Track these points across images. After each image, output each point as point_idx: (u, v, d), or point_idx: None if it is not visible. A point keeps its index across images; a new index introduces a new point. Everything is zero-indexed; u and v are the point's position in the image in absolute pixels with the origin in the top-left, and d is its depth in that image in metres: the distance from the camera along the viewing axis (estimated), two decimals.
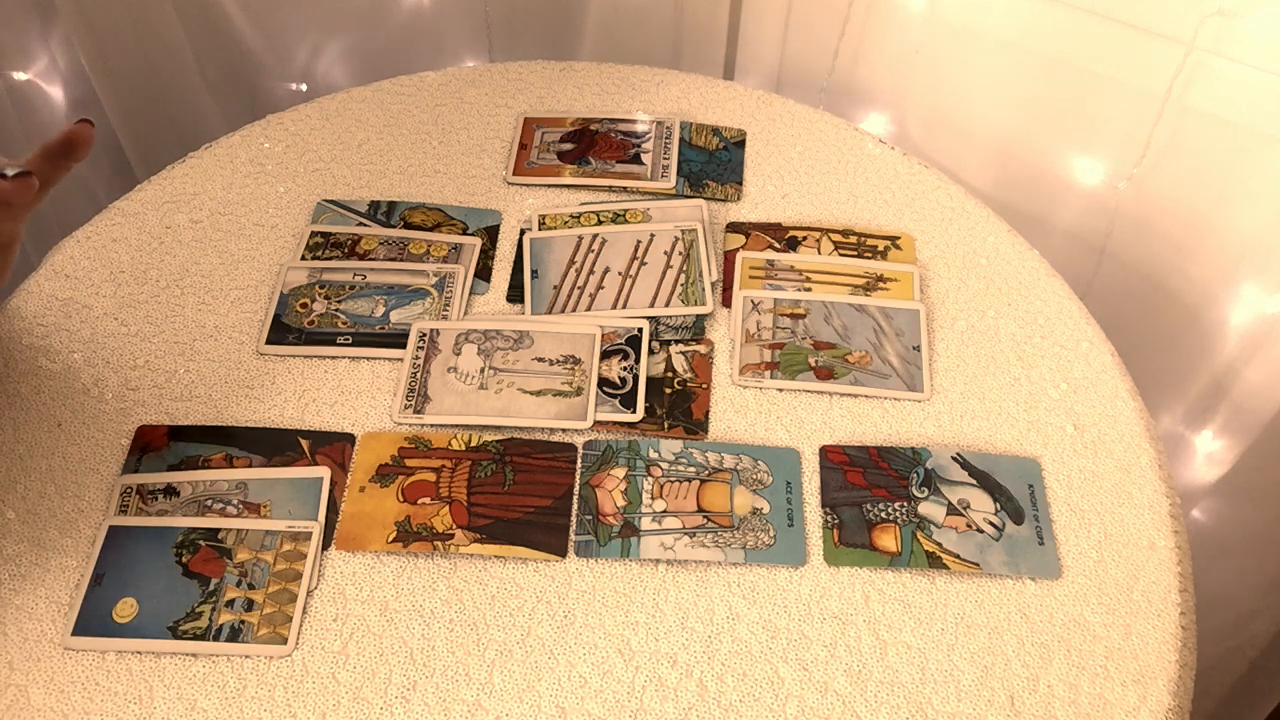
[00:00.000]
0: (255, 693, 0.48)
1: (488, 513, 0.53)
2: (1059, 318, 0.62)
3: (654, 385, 0.58)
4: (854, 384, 0.59)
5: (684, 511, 0.54)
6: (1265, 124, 0.69)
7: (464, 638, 0.50)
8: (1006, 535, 0.53)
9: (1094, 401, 0.58)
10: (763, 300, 0.62)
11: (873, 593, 0.51)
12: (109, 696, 0.48)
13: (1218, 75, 0.69)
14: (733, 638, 0.50)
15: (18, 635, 0.49)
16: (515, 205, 0.68)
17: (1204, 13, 0.66)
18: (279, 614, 0.50)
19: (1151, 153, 0.75)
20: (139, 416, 0.57)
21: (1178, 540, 0.53)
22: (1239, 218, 0.74)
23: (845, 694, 0.48)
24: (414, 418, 0.57)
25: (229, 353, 0.60)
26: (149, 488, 0.54)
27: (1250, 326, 0.76)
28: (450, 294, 0.62)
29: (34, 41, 0.88)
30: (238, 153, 0.70)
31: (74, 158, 0.52)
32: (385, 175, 0.69)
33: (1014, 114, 0.81)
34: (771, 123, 0.73)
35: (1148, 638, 0.50)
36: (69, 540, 0.52)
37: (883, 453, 0.56)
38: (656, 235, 0.65)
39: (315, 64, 0.96)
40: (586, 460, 0.55)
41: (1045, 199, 0.83)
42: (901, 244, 0.65)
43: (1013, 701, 0.48)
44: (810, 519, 0.54)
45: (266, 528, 0.52)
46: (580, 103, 0.74)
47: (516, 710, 0.48)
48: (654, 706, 0.48)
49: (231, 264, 0.64)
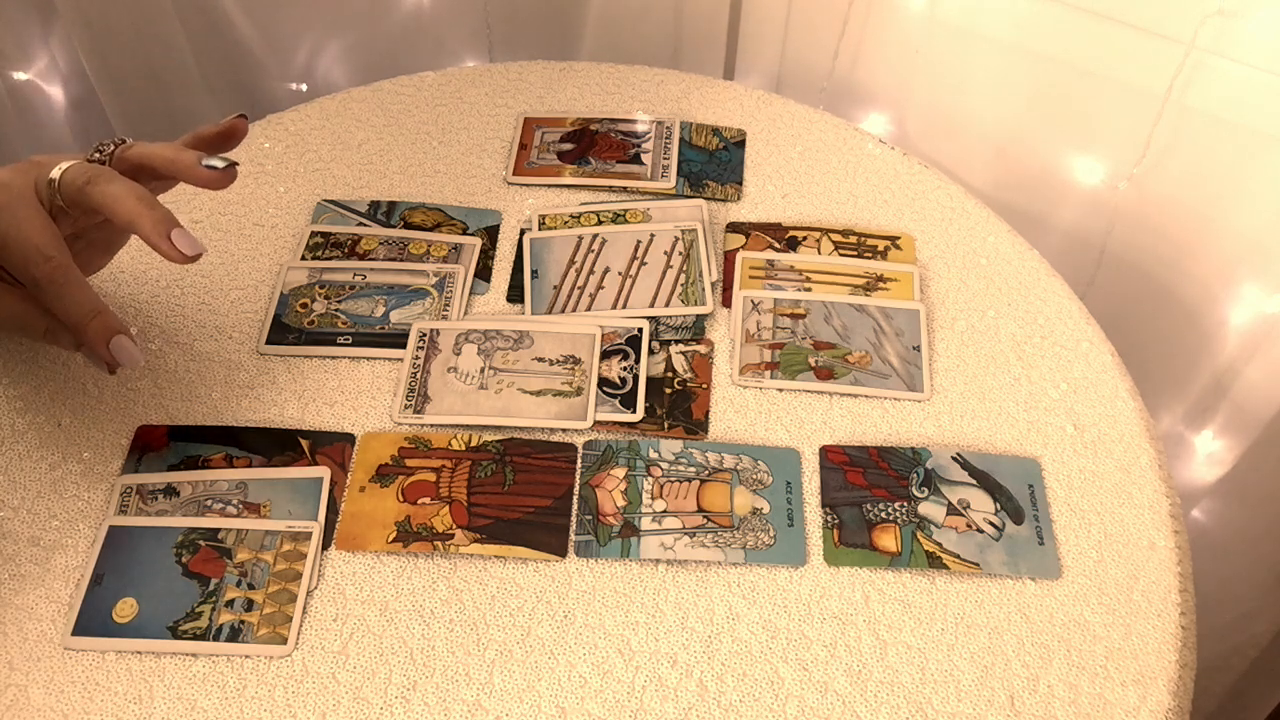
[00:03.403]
0: (255, 693, 0.48)
1: (488, 513, 0.53)
2: (1059, 318, 0.62)
3: (654, 385, 0.58)
4: (854, 384, 0.59)
5: (684, 511, 0.54)
6: (1265, 124, 0.69)
7: (464, 638, 0.50)
8: (1006, 535, 0.53)
9: (1094, 401, 0.58)
10: (763, 300, 0.62)
11: (873, 593, 0.51)
12: (109, 696, 0.48)
13: (1218, 75, 0.69)
14: (733, 638, 0.50)
15: (18, 635, 0.49)
16: (515, 205, 0.68)
17: (1204, 13, 0.66)
18: (279, 614, 0.50)
19: (1151, 153, 0.75)
20: (139, 416, 0.57)
21: (1178, 540, 0.53)
22: (1239, 218, 0.74)
23: (845, 694, 0.48)
24: (414, 418, 0.57)
25: (229, 353, 0.60)
26: (149, 488, 0.54)
27: (1250, 326, 0.76)
28: (450, 294, 0.62)
29: (34, 41, 0.88)
30: (238, 153, 0.69)
31: (226, 150, 0.54)
32: (385, 175, 0.69)
33: (1014, 114, 0.81)
34: (771, 123, 0.73)
35: (1148, 638, 0.50)
36: (69, 540, 0.52)
37: (883, 453, 0.56)
38: (656, 235, 0.65)
39: (315, 64, 0.96)
40: (586, 460, 0.55)
41: (1045, 199, 0.83)
42: (901, 244, 0.65)
43: (1013, 701, 0.48)
44: (810, 519, 0.54)
45: (266, 528, 0.52)
46: (580, 103, 0.74)
47: (516, 710, 0.48)
48: (654, 706, 0.48)
49: (231, 264, 0.64)
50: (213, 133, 0.55)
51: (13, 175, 0.50)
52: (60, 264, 0.49)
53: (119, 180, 0.49)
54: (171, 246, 0.48)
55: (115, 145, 0.53)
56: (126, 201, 0.49)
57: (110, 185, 0.49)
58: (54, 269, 0.48)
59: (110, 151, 0.53)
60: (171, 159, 0.52)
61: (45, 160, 0.51)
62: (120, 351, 0.50)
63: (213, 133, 0.55)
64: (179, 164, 0.52)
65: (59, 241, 0.49)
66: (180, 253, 0.49)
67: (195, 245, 0.49)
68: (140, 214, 0.49)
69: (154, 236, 0.48)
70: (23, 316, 0.51)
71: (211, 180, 0.51)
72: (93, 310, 0.50)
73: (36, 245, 0.48)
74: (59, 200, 0.50)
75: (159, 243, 0.48)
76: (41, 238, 0.48)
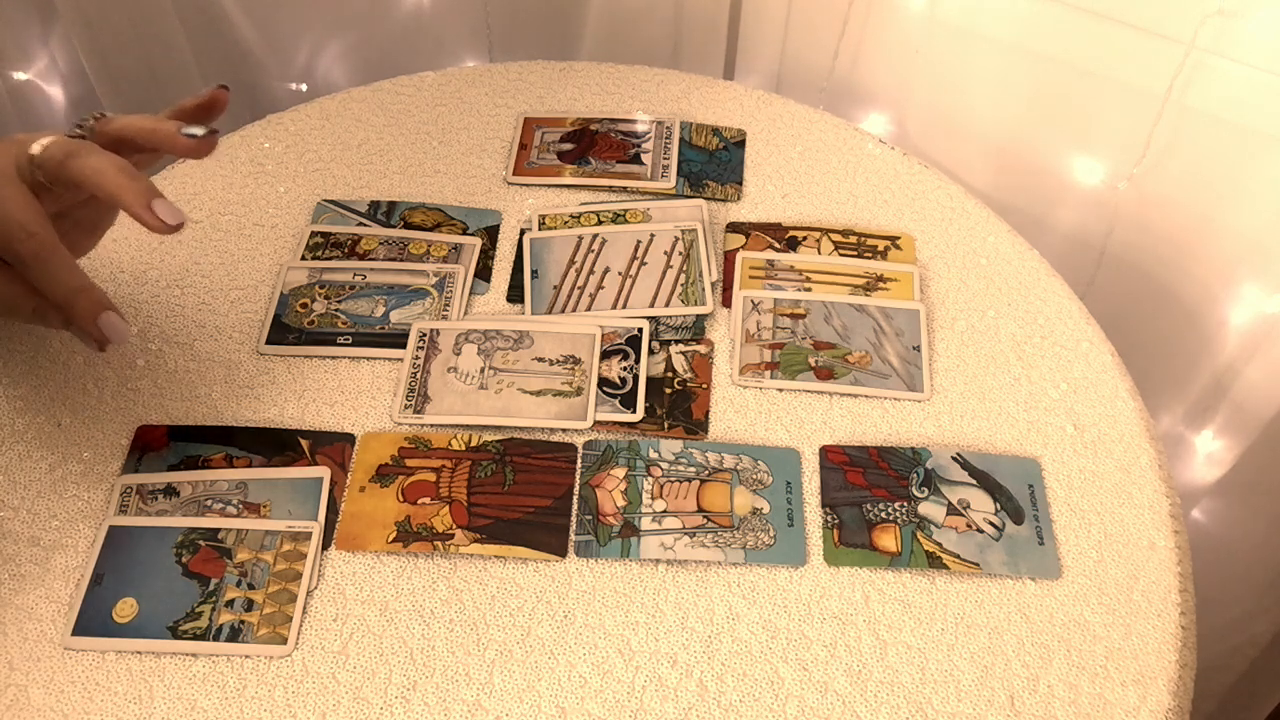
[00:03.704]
0: (255, 693, 0.48)
1: (488, 513, 0.53)
2: (1059, 318, 0.62)
3: (654, 385, 0.58)
4: (854, 384, 0.59)
5: (684, 511, 0.54)
6: (1265, 124, 0.69)
7: (464, 638, 0.50)
8: (1006, 535, 0.53)
9: (1094, 401, 0.58)
10: (763, 300, 0.62)
11: (873, 593, 0.51)
12: (109, 696, 0.48)
13: (1218, 75, 0.69)
14: (733, 638, 0.50)
15: (18, 635, 0.49)
16: (515, 205, 0.68)
17: (1204, 13, 0.66)
18: (279, 614, 0.50)
19: (1151, 153, 0.75)
20: (139, 417, 0.57)
21: (1178, 540, 0.53)
22: (1239, 218, 0.74)
23: (845, 694, 0.48)
24: (414, 418, 0.57)
25: (229, 353, 0.60)
26: (149, 488, 0.54)
27: (1250, 326, 0.76)
28: (450, 294, 0.62)
29: (34, 41, 0.88)
30: (238, 153, 0.70)
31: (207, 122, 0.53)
32: (385, 175, 0.69)
33: (1014, 114, 0.81)
34: (771, 123, 0.73)
35: (1148, 638, 0.50)
36: (69, 540, 0.52)
37: (883, 453, 0.56)
38: (656, 235, 0.65)
39: (315, 64, 0.96)
40: (586, 460, 0.55)
41: (1045, 199, 0.83)
42: (901, 244, 0.65)
43: (1013, 701, 0.48)
44: (810, 519, 0.54)
45: (266, 528, 0.52)
46: (580, 103, 0.74)
47: (516, 710, 0.48)
48: (654, 706, 0.48)
49: (231, 264, 0.64)
50: (194, 104, 0.54)
51: None
52: (44, 239, 0.48)
53: (99, 153, 0.49)
54: (154, 216, 0.48)
55: (95, 119, 0.52)
56: (108, 174, 0.48)
57: (91, 158, 0.49)
58: (38, 245, 0.48)
59: (90, 126, 0.52)
60: (151, 129, 0.51)
61: (24, 138, 0.50)
62: (109, 328, 0.49)
63: (194, 104, 0.54)
64: (159, 134, 0.51)
65: (42, 217, 0.48)
66: (163, 222, 0.48)
67: (177, 215, 0.49)
68: (122, 185, 0.48)
69: (136, 207, 0.48)
70: (9, 297, 0.50)
71: (191, 149, 0.51)
72: (79, 287, 0.49)
73: (19, 221, 0.48)
74: (39, 176, 0.49)
75: (141, 213, 0.48)
76: (24, 214, 0.48)
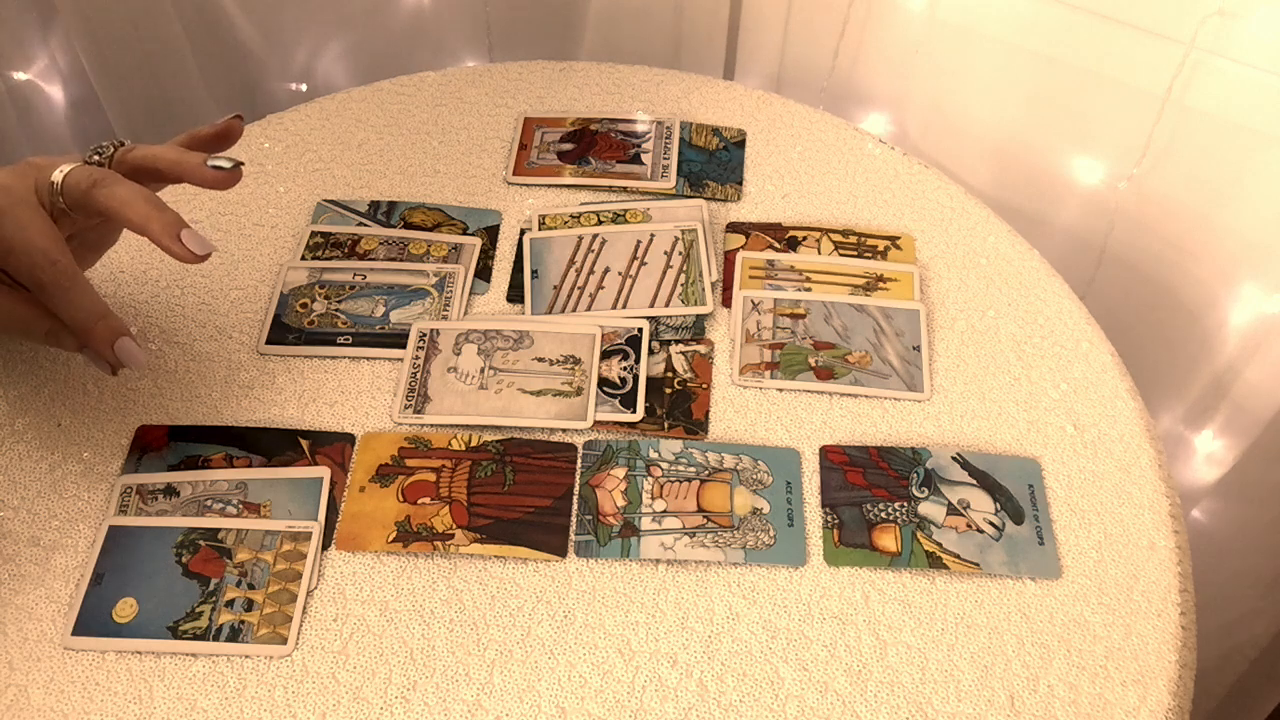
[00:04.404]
0: (255, 693, 0.48)
1: (488, 513, 0.53)
2: (1059, 318, 0.62)
3: (654, 385, 0.58)
4: (854, 384, 0.59)
5: (684, 511, 0.54)
6: (1265, 124, 0.69)
7: (464, 638, 0.50)
8: (1006, 535, 0.53)
9: (1094, 401, 0.58)
10: (763, 300, 0.62)
11: (873, 593, 0.51)
12: (109, 696, 0.48)
13: (1218, 75, 0.69)
14: (733, 638, 0.50)
15: (18, 635, 0.49)
16: (515, 205, 0.68)
17: (1204, 13, 0.66)
18: (279, 614, 0.50)
19: (1151, 153, 0.75)
20: (139, 416, 0.57)
21: (1178, 540, 0.53)
22: (1239, 218, 0.74)
23: (845, 694, 0.48)
24: (414, 418, 0.57)
25: (229, 353, 0.60)
26: (149, 488, 0.54)
27: (1250, 326, 0.76)
28: (450, 294, 0.62)
29: (34, 41, 0.88)
30: (238, 153, 0.70)
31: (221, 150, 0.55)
32: (385, 175, 0.69)
33: (1014, 114, 0.81)
34: (771, 123, 0.73)
35: (1148, 638, 0.50)
36: (69, 540, 0.52)
37: (883, 453, 0.56)
38: (656, 235, 0.65)
39: (315, 64, 0.96)
40: (586, 460, 0.55)
41: (1045, 199, 0.83)
42: (901, 244, 0.65)
43: (1013, 701, 0.48)
44: (810, 519, 0.54)
45: (266, 528, 0.52)
46: (580, 103, 0.74)
47: (516, 710, 0.48)
48: (654, 706, 0.48)
49: (231, 264, 0.64)
50: (209, 133, 0.55)
51: (12, 178, 0.50)
52: (65, 267, 0.49)
53: (124, 183, 0.50)
54: (183, 248, 0.49)
55: (114, 147, 0.53)
56: (136, 205, 0.49)
57: (117, 188, 0.49)
58: (59, 273, 0.49)
59: (110, 154, 0.53)
60: (176, 161, 0.52)
61: (43, 162, 0.51)
62: (125, 354, 0.50)
63: (209, 133, 0.55)
64: (184, 165, 0.52)
65: (62, 245, 0.49)
66: (192, 253, 0.49)
67: (205, 245, 0.50)
68: (150, 217, 0.49)
69: (165, 239, 0.49)
70: (25, 319, 0.51)
71: (219, 180, 0.52)
72: (98, 313, 0.50)
73: (41, 249, 0.48)
74: (60, 203, 0.50)
75: (170, 244, 0.49)
76: (45, 241, 0.48)
